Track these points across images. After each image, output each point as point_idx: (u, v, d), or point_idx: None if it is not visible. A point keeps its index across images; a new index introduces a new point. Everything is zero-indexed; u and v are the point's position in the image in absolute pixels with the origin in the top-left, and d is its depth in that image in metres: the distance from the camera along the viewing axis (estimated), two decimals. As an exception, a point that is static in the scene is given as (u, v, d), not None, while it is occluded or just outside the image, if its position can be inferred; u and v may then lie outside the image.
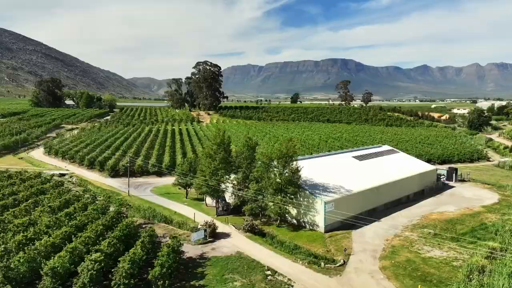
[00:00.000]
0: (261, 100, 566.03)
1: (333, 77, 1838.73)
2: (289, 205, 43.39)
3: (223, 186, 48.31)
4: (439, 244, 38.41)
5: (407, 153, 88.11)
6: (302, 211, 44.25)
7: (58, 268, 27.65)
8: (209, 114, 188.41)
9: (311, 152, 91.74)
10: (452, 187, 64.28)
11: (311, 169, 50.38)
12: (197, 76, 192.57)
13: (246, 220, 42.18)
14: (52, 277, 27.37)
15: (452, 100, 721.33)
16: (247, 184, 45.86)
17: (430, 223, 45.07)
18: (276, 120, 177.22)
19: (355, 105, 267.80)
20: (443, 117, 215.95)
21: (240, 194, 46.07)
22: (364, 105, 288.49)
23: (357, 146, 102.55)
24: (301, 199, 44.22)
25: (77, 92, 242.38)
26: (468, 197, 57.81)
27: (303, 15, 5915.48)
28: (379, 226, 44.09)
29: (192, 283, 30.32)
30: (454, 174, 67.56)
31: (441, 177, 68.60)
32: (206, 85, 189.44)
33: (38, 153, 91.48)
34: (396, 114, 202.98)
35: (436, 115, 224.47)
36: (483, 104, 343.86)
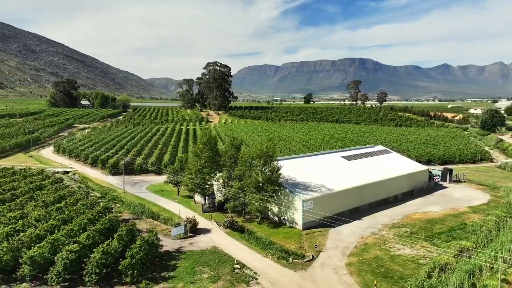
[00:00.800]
0: (276, 100, 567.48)
1: (351, 77, 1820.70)
2: (269, 203, 44.69)
3: (210, 184, 50.01)
4: (412, 242, 39.06)
5: (408, 154, 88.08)
6: (282, 209, 45.55)
7: (37, 258, 29.90)
8: (218, 114, 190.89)
9: (312, 152, 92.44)
10: (445, 187, 64.19)
11: (296, 168, 51.61)
12: (207, 77, 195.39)
13: (227, 217, 43.79)
14: (30, 266, 29.66)
15: (473, 100, 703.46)
16: (230, 182, 47.43)
17: (410, 223, 45.58)
18: (284, 120, 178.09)
19: (369, 105, 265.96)
20: (457, 118, 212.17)
21: (223, 192, 47.68)
22: (379, 105, 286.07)
23: (359, 146, 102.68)
24: (282, 197, 45.52)
25: (92, 93, 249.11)
26: (458, 197, 57.76)
27: (320, 14, 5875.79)
28: (358, 225, 44.94)
29: (162, 274, 32.13)
30: (448, 175, 67.33)
31: (436, 177, 68.57)
32: (216, 86, 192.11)
33: (47, 152, 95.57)
34: (407, 114, 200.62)
35: (449, 115, 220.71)
36: (502, 104, 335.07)
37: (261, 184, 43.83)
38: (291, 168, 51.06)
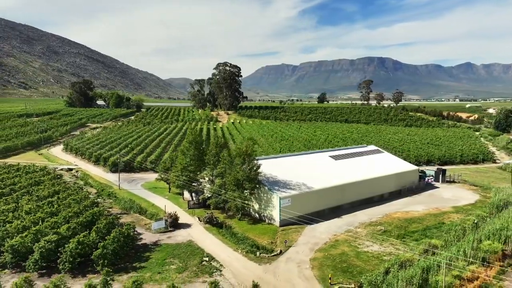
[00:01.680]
0: (291, 100, 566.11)
1: (369, 76, 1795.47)
2: (247, 200, 46.22)
3: (199, 181, 51.91)
4: (383, 240, 39.88)
5: (407, 154, 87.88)
6: (262, 206, 47.01)
7: (17, 246, 32.45)
8: (228, 114, 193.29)
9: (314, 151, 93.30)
10: (436, 187, 64.14)
11: (281, 167, 52.95)
12: (217, 77, 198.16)
13: (207, 213, 45.61)
14: (11, 254, 32.23)
15: (496, 99, 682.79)
16: (213, 179, 49.22)
17: (388, 221, 46.22)
18: (293, 120, 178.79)
19: (386, 105, 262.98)
20: (472, 118, 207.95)
21: (206, 189, 49.51)
22: (395, 104, 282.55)
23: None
24: (262, 195, 46.98)
25: (108, 93, 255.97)
26: (446, 197, 57.78)
27: (339, 13, 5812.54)
28: (336, 223, 45.92)
29: (134, 264, 34.20)
30: (441, 175, 67.15)
31: (429, 178, 68.54)
32: (226, 86, 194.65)
33: (57, 150, 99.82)
34: (418, 114, 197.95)
35: (464, 115, 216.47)
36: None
37: (240, 182, 45.39)
38: (275, 167, 52.45)
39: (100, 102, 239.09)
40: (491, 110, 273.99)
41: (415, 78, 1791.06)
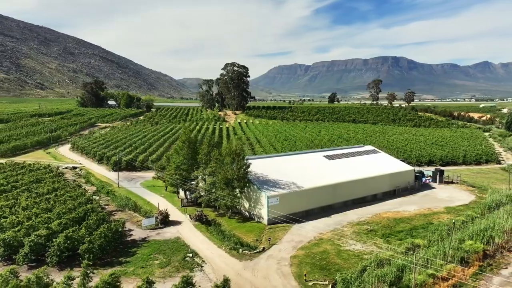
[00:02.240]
0: (302, 100, 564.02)
1: (383, 76, 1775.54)
2: (237, 198, 47.14)
3: (195, 180, 53.05)
4: (367, 239, 40.28)
5: (409, 154, 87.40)
6: (252, 204, 47.86)
7: (9, 240, 34.07)
8: (235, 114, 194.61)
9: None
10: (433, 188, 63.90)
11: (273, 167, 53.70)
12: (225, 77, 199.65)
13: (197, 211, 46.71)
14: (3, 247, 33.88)
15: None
16: (205, 178, 50.28)
17: (376, 221, 46.48)
18: (299, 120, 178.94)
19: (397, 105, 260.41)
20: (483, 118, 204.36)
21: (198, 188, 50.63)
22: (407, 104, 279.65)
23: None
24: (251, 194, 47.83)
25: (119, 93, 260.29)
26: (440, 198, 57.60)
27: (353, 12, 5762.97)
28: (325, 222, 46.41)
29: (120, 259, 35.51)
30: (438, 176, 66.81)
31: (427, 178, 68.30)
32: (233, 86, 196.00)
33: (64, 149, 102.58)
34: (428, 114, 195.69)
35: (476, 115, 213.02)
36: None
37: (230, 181, 46.30)
38: (267, 166, 53.25)
39: (111, 102, 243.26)
40: (505, 110, 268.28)
41: (430, 78, 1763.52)
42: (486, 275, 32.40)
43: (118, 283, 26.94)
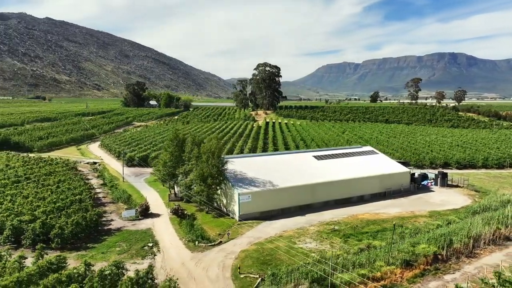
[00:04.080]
0: (349, 99, 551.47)
1: (439, 73, 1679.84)
2: (211, 195, 49.43)
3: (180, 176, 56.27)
4: (326, 238, 40.72)
5: (423, 156, 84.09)
6: (227, 201, 49.94)
7: (-4, 223, 39.26)
8: (266, 113, 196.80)
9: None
10: (431, 191, 61.61)
11: (255, 165, 55.28)
12: (257, 77, 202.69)
13: (175, 205, 49.71)
14: (-9, 229, 39.12)
15: None
16: (187, 174, 53.18)
17: (348, 222, 46.35)
18: (329, 120, 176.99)
19: (444, 104, 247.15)
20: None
21: (179, 184, 53.69)
22: (456, 104, 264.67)
23: (381, 147, 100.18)
24: (227, 190, 49.89)
25: (161, 93, 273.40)
26: (432, 202, 55.64)
27: (408, 7, 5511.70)
28: (297, 220, 47.13)
29: (88, 245, 39.38)
30: (439, 179, 64.14)
31: (430, 181, 65.95)
32: (265, 86, 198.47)
33: (94, 146, 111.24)
34: (469, 114, 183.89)
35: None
36: None
37: (205, 177, 48.72)
38: (250, 165, 54.94)
39: (152, 102, 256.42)
40: None
41: (493, 75, 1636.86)
42: (426, 278, 31.81)
43: (64, 264, 30.46)
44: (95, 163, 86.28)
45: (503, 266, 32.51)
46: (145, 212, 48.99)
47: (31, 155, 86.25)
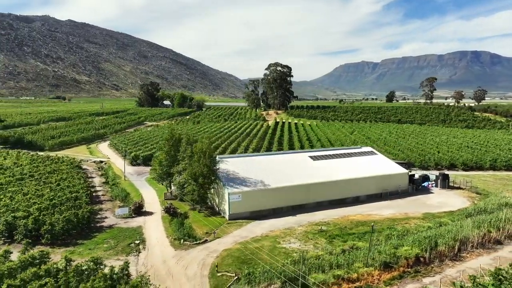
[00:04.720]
0: (366, 99, 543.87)
1: (461, 72, 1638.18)
2: (202, 194, 49.97)
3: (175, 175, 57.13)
4: (311, 239, 40.66)
5: (428, 158, 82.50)
6: (219, 200, 50.45)
7: (-9, 219, 40.87)
8: (277, 113, 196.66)
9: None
10: (430, 193, 60.49)
11: (249, 165, 55.59)
12: (268, 77, 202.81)
13: (167, 203, 50.52)
14: (-13, 224, 40.77)
15: None
16: (181, 174, 53.93)
17: (338, 222, 46.06)
18: (340, 120, 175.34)
19: (463, 104, 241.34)
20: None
21: (172, 183, 54.49)
22: (476, 103, 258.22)
23: (387, 148, 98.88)
24: (219, 190, 50.39)
25: (175, 93, 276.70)
26: (429, 204, 54.68)
27: (428, 4, 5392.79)
28: (287, 220, 47.21)
29: (78, 241, 40.55)
30: (440, 180, 62.88)
31: (431, 183, 64.78)
32: (276, 86, 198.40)
33: (104, 145, 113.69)
34: (486, 114, 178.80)
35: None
36: None
37: (197, 177, 49.31)
38: (244, 165, 55.28)
39: (166, 102, 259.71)
40: None
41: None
42: (404, 281, 31.44)
43: (47, 259, 31.52)
44: (101, 161, 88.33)
45: (485, 270, 31.74)
46: (138, 210, 49.97)
47: (40, 153, 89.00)
